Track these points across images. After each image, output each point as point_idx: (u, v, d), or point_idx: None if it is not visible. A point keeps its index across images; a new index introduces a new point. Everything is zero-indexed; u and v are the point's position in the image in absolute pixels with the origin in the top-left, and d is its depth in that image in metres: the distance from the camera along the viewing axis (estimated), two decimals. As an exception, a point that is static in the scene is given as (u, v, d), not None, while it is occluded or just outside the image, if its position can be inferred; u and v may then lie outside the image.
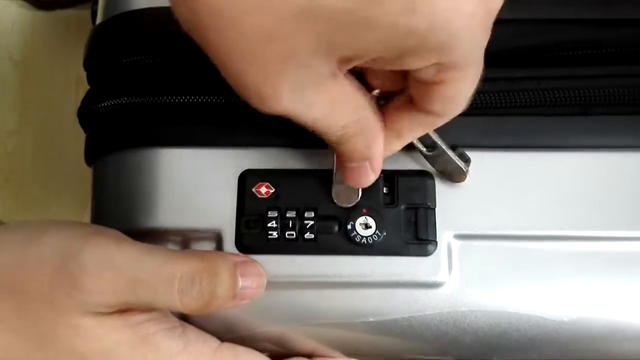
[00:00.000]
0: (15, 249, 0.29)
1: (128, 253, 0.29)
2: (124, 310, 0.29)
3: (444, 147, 0.31)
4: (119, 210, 0.33)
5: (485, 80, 0.32)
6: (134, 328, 0.29)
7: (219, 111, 0.32)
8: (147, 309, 0.30)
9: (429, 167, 0.32)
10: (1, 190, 0.63)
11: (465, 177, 0.31)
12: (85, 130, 0.36)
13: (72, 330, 0.28)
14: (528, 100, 0.32)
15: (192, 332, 0.31)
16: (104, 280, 0.28)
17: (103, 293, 0.28)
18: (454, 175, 0.32)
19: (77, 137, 0.65)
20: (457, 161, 0.31)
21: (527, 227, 0.32)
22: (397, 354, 0.33)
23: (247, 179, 0.32)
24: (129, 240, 0.30)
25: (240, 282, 0.29)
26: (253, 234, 0.31)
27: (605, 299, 0.32)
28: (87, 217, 0.37)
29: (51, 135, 0.66)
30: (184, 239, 0.32)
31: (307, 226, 0.31)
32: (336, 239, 0.31)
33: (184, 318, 0.32)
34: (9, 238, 0.30)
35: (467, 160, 0.31)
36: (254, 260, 0.30)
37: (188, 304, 0.28)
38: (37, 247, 0.29)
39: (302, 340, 0.33)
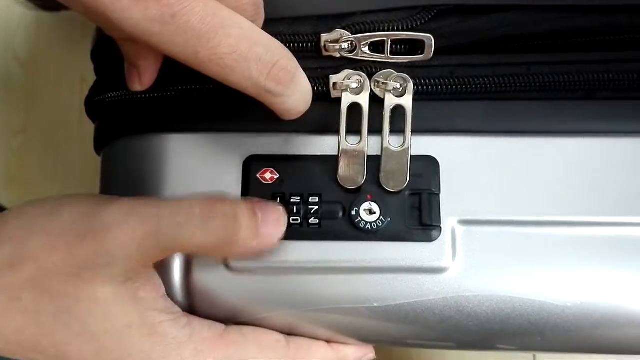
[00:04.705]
0: (38, 224, 0.30)
1: (146, 203, 0.29)
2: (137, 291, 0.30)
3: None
4: (125, 194, 0.33)
5: (489, 65, 0.33)
6: (143, 314, 0.30)
7: (224, 97, 0.32)
8: (172, 251, 0.30)
9: (431, 152, 0.32)
10: (7, 188, 0.64)
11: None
12: (92, 119, 0.37)
13: (89, 304, 0.29)
14: (532, 84, 0.32)
15: (196, 321, 0.31)
16: (128, 229, 0.28)
17: (127, 245, 0.28)
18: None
19: (82, 136, 0.65)
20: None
21: (532, 213, 0.32)
22: (400, 339, 0.33)
23: (252, 165, 0.32)
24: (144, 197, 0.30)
25: (260, 215, 0.29)
26: (258, 220, 0.31)
27: (608, 285, 0.32)
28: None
29: (57, 134, 0.66)
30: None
31: (312, 212, 0.32)
32: (340, 225, 0.32)
33: (189, 310, 0.32)
34: (32, 213, 0.30)
35: None
36: (270, 201, 0.31)
37: (213, 232, 0.28)
38: (59, 218, 0.29)
39: (306, 326, 0.33)
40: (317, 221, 0.32)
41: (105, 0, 0.25)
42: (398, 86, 0.32)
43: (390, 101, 0.32)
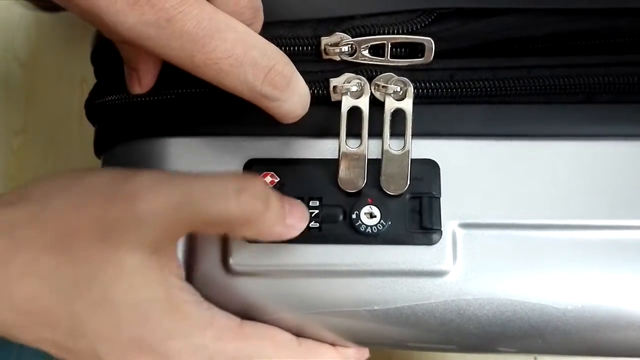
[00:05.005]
0: (67, 185, 0.29)
1: (179, 173, 0.29)
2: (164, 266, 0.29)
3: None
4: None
5: (490, 68, 0.33)
6: (168, 290, 0.29)
7: (224, 101, 0.32)
8: (202, 223, 0.29)
9: (431, 156, 0.33)
10: (7, 189, 0.64)
11: None
12: (92, 122, 0.37)
13: (113, 272, 0.28)
14: (532, 88, 0.32)
15: (216, 309, 0.31)
16: (161, 194, 0.28)
17: (159, 209, 0.27)
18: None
19: (82, 136, 0.65)
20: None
21: (532, 216, 0.32)
22: (401, 342, 0.34)
23: (252, 168, 0.32)
24: None
25: (287, 207, 0.30)
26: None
27: (609, 288, 0.32)
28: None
29: (57, 135, 0.66)
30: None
31: (312, 215, 0.32)
32: (341, 228, 0.32)
33: None
34: (62, 176, 0.30)
35: None
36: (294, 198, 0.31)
37: (244, 208, 0.28)
38: (88, 181, 0.29)
39: (307, 329, 0.33)
40: (318, 225, 0.32)
41: (101, 4, 0.25)
42: (398, 89, 0.32)
43: (390, 105, 0.32)
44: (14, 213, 0.28)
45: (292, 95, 0.29)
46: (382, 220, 0.31)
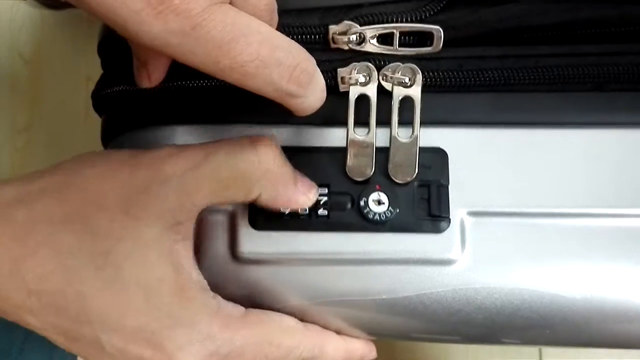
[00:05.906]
0: (93, 159, 0.30)
1: (197, 143, 0.31)
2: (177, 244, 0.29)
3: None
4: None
5: (498, 57, 0.32)
6: (177, 271, 0.29)
7: (232, 90, 0.32)
8: (222, 181, 0.29)
9: (439, 144, 0.32)
10: (10, 186, 0.64)
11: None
12: (99, 113, 0.37)
13: (130, 245, 0.28)
14: (540, 77, 0.32)
15: (221, 298, 0.31)
16: (182, 157, 0.29)
17: (181, 169, 0.29)
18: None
19: (87, 134, 0.65)
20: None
21: (541, 204, 0.32)
22: (409, 333, 0.33)
23: None
24: None
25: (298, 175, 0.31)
26: (266, 211, 0.31)
27: (618, 277, 0.31)
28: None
29: (61, 133, 0.66)
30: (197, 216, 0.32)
31: (320, 202, 0.31)
32: (349, 216, 0.31)
33: None
34: (89, 153, 0.31)
35: None
36: None
37: (262, 151, 0.29)
38: (115, 155, 0.30)
39: (314, 318, 0.33)
40: (326, 212, 0.31)
41: (123, 13, 0.25)
42: (407, 80, 0.31)
43: (398, 92, 0.31)
44: (38, 183, 0.29)
45: (315, 91, 0.29)
46: (390, 208, 0.31)
